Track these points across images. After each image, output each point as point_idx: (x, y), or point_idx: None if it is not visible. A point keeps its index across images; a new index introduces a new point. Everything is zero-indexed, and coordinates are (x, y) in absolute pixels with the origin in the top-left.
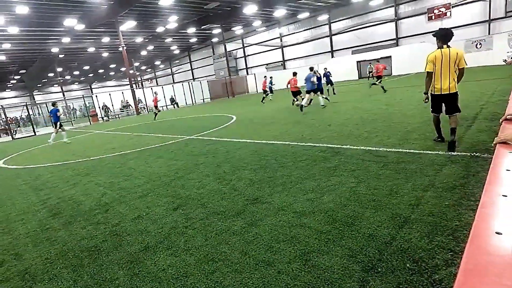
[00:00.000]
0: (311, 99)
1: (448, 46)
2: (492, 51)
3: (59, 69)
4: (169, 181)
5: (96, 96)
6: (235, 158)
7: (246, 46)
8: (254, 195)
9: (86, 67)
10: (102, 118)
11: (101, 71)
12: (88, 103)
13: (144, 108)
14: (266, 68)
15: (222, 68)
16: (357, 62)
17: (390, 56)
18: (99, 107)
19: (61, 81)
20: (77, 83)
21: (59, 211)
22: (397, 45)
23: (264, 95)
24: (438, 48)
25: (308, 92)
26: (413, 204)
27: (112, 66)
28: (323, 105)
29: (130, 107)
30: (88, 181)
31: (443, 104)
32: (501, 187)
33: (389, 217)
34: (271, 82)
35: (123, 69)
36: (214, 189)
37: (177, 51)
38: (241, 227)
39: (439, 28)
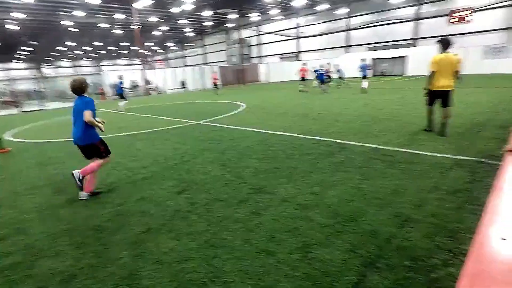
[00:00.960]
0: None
1: (448, 52)
2: None
3: (70, 43)
4: (174, 164)
5: (107, 74)
6: (241, 146)
7: (261, 34)
8: (259, 185)
9: (98, 43)
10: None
11: (112, 48)
12: (98, 80)
13: (153, 89)
14: (281, 58)
15: (235, 55)
16: (373, 59)
17: (406, 56)
18: (109, 86)
19: (71, 55)
20: (87, 58)
21: (65, 187)
22: (414, 46)
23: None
24: (441, 53)
25: (364, 77)
26: (416, 205)
27: (124, 44)
28: (365, 87)
29: (139, 87)
30: None
31: (436, 99)
32: (508, 194)
33: (392, 216)
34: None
35: (134, 48)
36: (219, 176)
37: (190, 34)
38: (244, 215)
39: (442, 37)
